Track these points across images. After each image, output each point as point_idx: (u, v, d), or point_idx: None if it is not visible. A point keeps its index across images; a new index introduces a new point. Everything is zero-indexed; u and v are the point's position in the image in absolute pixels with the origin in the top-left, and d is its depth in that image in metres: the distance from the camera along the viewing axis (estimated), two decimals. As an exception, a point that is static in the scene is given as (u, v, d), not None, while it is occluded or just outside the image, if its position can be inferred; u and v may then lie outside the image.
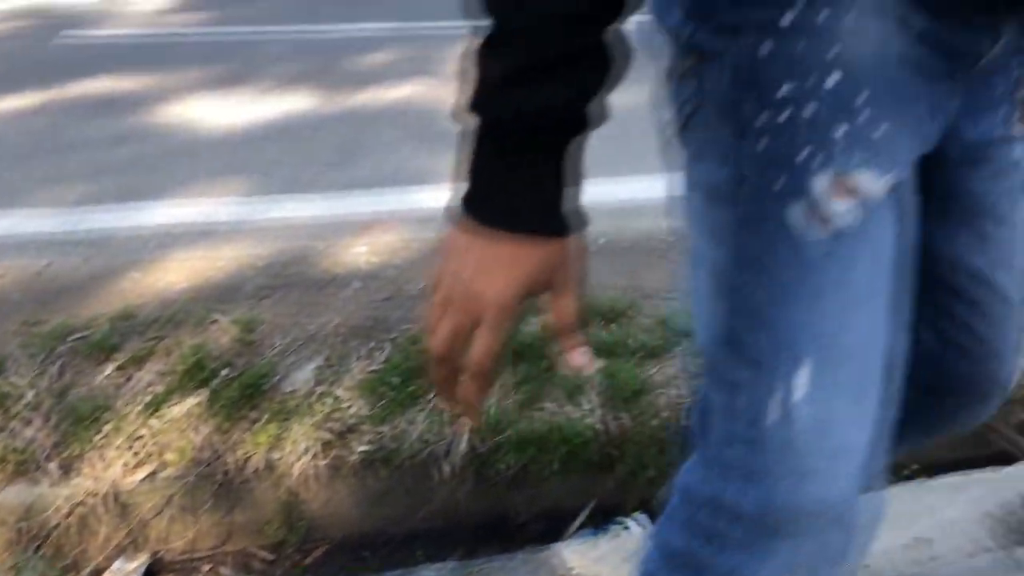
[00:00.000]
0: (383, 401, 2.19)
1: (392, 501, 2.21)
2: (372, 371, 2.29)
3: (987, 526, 1.67)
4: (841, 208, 0.70)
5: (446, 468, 2.14)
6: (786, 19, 0.68)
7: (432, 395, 2.23)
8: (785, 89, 0.68)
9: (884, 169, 0.71)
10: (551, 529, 2.06)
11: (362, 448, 2.10)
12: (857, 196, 0.70)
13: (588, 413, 2.20)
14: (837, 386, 0.74)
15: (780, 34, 0.68)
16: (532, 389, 2.23)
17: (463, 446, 2.14)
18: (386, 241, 2.99)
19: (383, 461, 2.14)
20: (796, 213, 0.70)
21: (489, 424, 2.16)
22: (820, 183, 0.70)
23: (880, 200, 0.72)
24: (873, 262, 0.73)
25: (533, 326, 2.43)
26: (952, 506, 1.73)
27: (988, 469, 1.95)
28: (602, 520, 2.05)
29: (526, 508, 2.26)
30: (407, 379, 2.24)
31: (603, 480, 2.25)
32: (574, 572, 1.74)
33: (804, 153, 0.70)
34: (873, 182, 0.71)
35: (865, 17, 0.68)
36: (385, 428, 2.16)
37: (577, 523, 2.19)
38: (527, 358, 2.32)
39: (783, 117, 0.69)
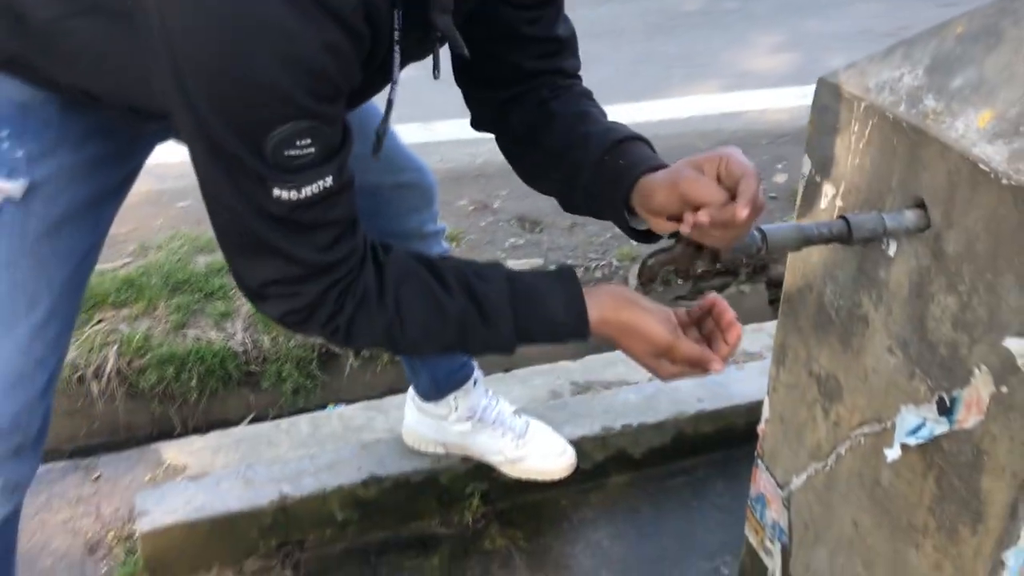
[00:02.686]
0: (41, 333, 2.46)
1: (54, 422, 2.49)
2: (39, 308, 2.55)
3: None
4: None
5: (95, 389, 2.43)
6: None
7: (91, 326, 2.51)
8: None
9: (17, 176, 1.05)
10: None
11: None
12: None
13: (230, 336, 2.54)
14: None
15: None
16: (180, 317, 2.54)
17: (109, 367, 2.43)
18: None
19: (39, 385, 2.42)
20: None
21: (136, 348, 2.46)
22: None
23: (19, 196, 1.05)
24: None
25: (196, 264, 2.75)
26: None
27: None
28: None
29: (196, 420, 2.59)
30: (67, 313, 2.52)
31: (250, 392, 2.60)
32: (168, 462, 2.06)
33: None
34: (7, 184, 1.04)
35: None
36: (41, 356, 2.44)
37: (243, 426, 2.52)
38: (185, 291, 2.63)
39: None
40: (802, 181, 1.28)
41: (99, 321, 2.53)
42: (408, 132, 3.85)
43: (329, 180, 0.92)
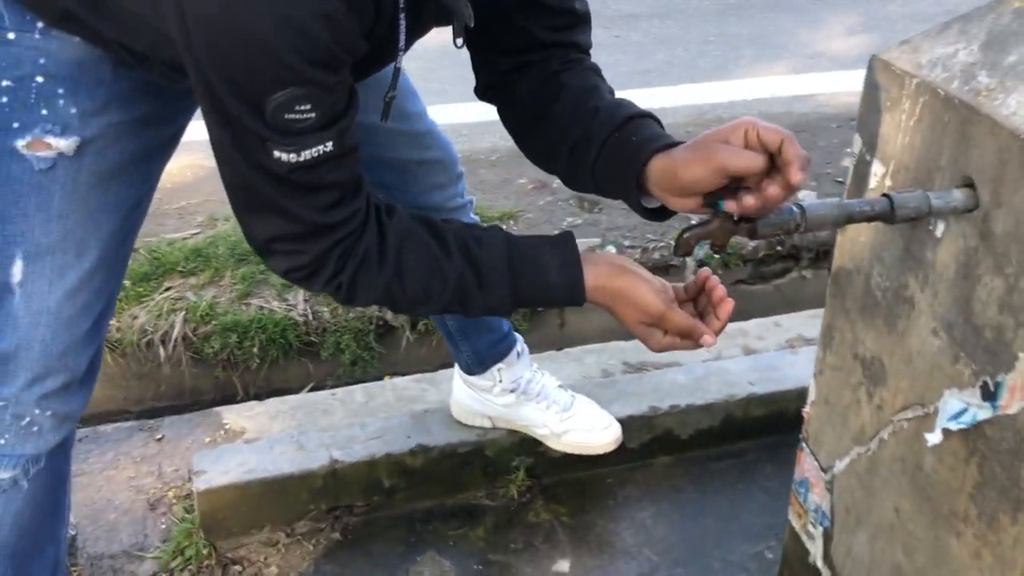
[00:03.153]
0: (113, 299, 2.56)
1: (125, 384, 2.60)
2: (111, 275, 2.65)
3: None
4: (39, 156, 1.09)
5: (162, 353, 2.52)
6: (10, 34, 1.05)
7: (160, 293, 2.61)
8: (4, 82, 1.06)
9: (70, 133, 1.09)
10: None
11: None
12: (51, 150, 1.09)
13: (292, 307, 2.60)
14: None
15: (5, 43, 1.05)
16: (245, 287, 2.61)
17: (176, 332, 2.52)
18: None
19: (111, 348, 2.52)
20: (8, 161, 1.08)
21: (201, 315, 2.54)
22: (21, 142, 1.08)
23: (71, 152, 1.10)
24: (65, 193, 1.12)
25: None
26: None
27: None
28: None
29: (258, 387, 2.67)
30: (137, 282, 2.61)
31: (309, 362, 2.66)
32: (228, 426, 2.13)
33: (16, 123, 1.07)
34: (60, 141, 1.09)
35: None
36: (113, 321, 2.53)
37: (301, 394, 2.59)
38: (250, 262, 2.70)
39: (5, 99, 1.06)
40: (852, 160, 1.25)
41: (167, 288, 2.62)
42: (467, 111, 3.90)
43: (330, 145, 0.95)
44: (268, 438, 1.86)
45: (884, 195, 1.02)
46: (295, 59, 0.87)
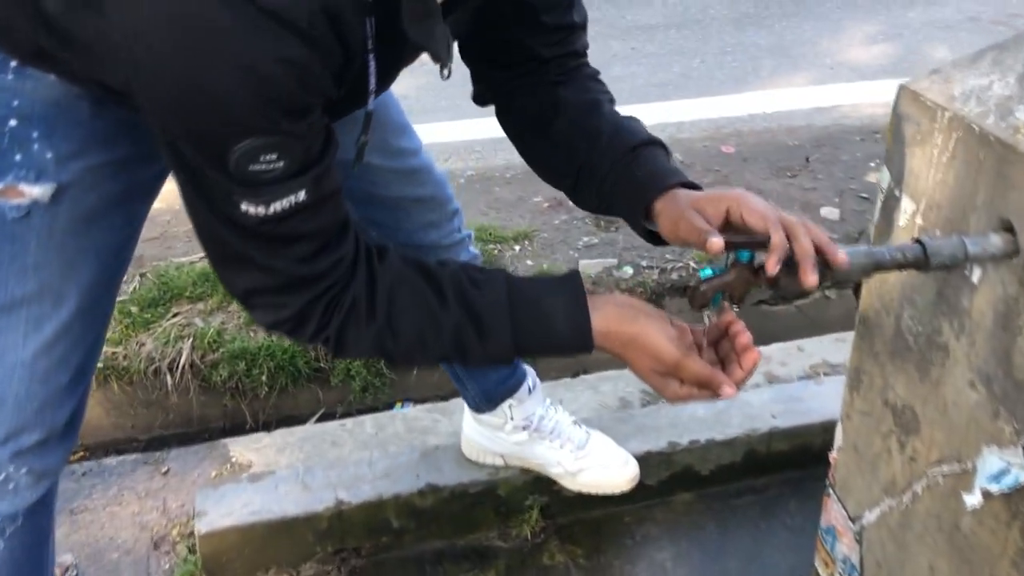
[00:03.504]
0: (120, 326, 2.52)
1: (132, 412, 2.56)
2: (118, 300, 2.61)
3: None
4: (12, 204, 1.03)
5: (169, 381, 2.48)
6: None
7: (168, 319, 2.56)
8: None
9: (45, 180, 1.03)
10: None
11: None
12: (24, 197, 1.03)
13: (301, 333, 2.55)
14: None
15: None
16: (253, 313, 2.56)
17: (184, 360, 2.47)
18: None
19: (117, 375, 2.48)
20: None
21: (209, 342, 2.49)
22: None
23: (46, 199, 1.04)
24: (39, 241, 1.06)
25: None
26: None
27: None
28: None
29: (267, 414, 2.62)
30: (144, 308, 2.57)
31: (319, 389, 2.61)
32: (234, 459, 2.08)
33: None
34: (34, 188, 1.03)
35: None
36: (119, 348, 2.49)
37: (312, 422, 2.54)
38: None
39: None
40: (880, 194, 1.18)
41: (175, 314, 2.57)
42: (485, 126, 3.84)
43: (302, 195, 0.88)
44: (272, 476, 1.80)
45: (916, 241, 0.94)
46: (256, 108, 0.80)
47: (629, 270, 2.77)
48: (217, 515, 1.69)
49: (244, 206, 0.86)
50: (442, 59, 0.94)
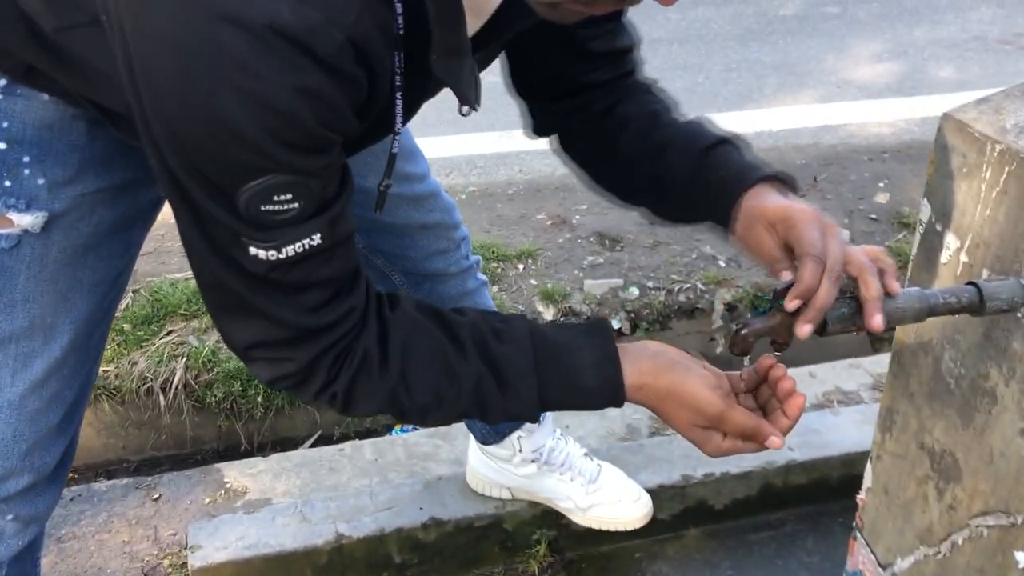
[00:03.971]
0: (112, 344, 2.44)
1: (124, 433, 2.48)
2: (111, 318, 2.54)
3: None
4: (1, 232, 0.96)
5: (162, 401, 2.40)
6: None
7: (161, 337, 2.49)
8: None
9: (36, 208, 0.96)
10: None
11: (85, 385, 2.36)
12: (13, 227, 0.96)
13: (299, 352, 2.48)
14: None
15: None
16: (250, 332, 2.49)
17: (177, 379, 2.40)
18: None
19: (109, 395, 2.41)
20: None
21: (203, 362, 2.42)
22: None
23: (37, 229, 0.97)
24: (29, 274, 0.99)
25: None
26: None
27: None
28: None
29: (262, 436, 2.54)
30: (137, 325, 2.50)
31: (315, 411, 2.54)
32: (228, 484, 2.01)
33: None
34: (24, 217, 0.96)
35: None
36: (111, 367, 2.42)
37: (307, 445, 2.47)
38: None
39: None
40: (919, 228, 1.12)
41: (169, 332, 2.50)
42: (486, 141, 3.78)
43: (317, 238, 0.80)
44: (270, 507, 1.73)
45: (971, 283, 0.88)
46: (269, 143, 0.72)
47: (635, 291, 2.71)
48: (212, 548, 1.62)
49: (253, 250, 0.79)
50: (469, 99, 0.88)
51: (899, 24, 5.06)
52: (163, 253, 2.84)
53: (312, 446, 2.43)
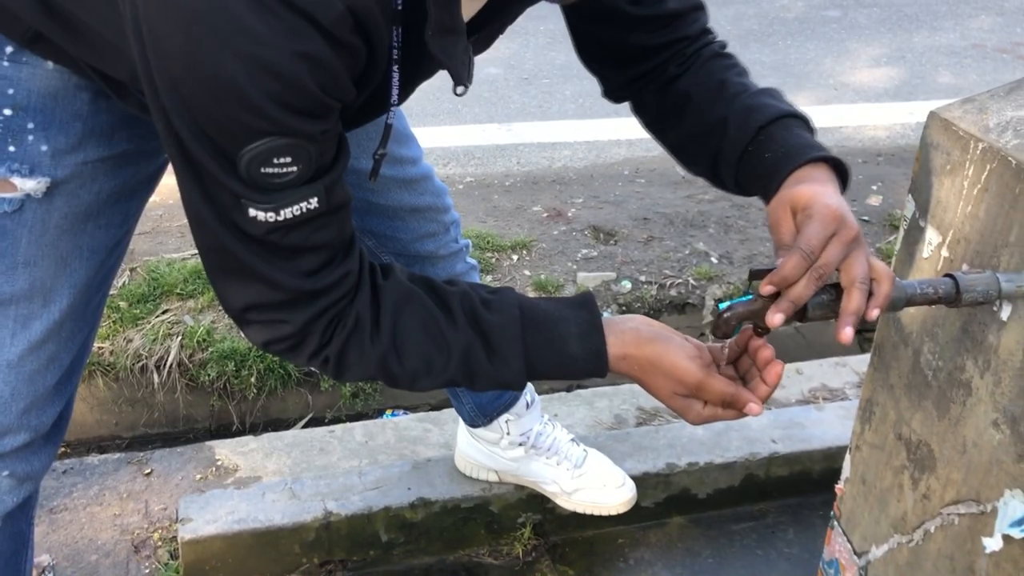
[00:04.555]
0: (108, 322, 2.46)
1: (117, 409, 2.50)
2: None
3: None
4: (3, 197, 0.98)
5: (156, 379, 2.42)
6: None
7: (157, 316, 2.51)
8: None
9: (39, 174, 0.99)
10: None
11: (80, 360, 2.37)
12: (16, 191, 0.98)
13: (292, 335, 2.50)
14: None
15: None
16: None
17: (171, 358, 2.42)
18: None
19: (103, 371, 2.43)
20: None
21: (198, 341, 2.44)
22: None
23: (39, 194, 1.00)
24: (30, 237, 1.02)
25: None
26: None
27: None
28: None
29: (254, 417, 2.57)
30: (134, 303, 2.52)
31: (308, 393, 2.56)
32: (220, 462, 2.03)
33: None
34: (27, 182, 0.99)
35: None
36: (106, 344, 2.44)
37: (299, 427, 2.50)
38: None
39: None
40: (903, 224, 1.15)
41: (164, 311, 2.52)
42: (486, 133, 3.80)
43: (314, 202, 0.83)
44: (260, 484, 1.76)
45: (949, 275, 0.91)
46: (271, 106, 0.75)
47: (627, 284, 2.74)
48: (201, 522, 1.64)
49: (253, 212, 0.82)
50: (460, 78, 0.90)
51: (898, 30, 5.09)
52: (160, 233, 2.86)
53: (304, 428, 2.45)
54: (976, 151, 1.00)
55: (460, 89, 0.93)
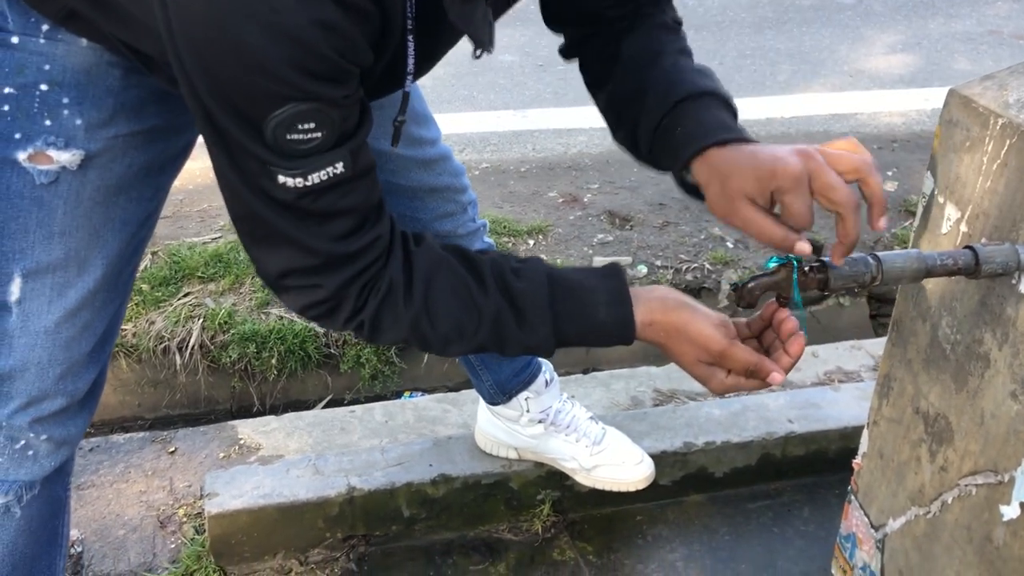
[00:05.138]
0: (131, 304, 2.50)
1: (140, 390, 2.54)
2: (130, 278, 2.59)
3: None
4: (40, 169, 1.01)
5: (178, 361, 2.46)
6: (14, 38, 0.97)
7: (178, 298, 2.55)
8: (6, 89, 0.98)
9: (74, 147, 1.02)
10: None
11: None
12: (53, 163, 1.01)
13: (312, 317, 2.53)
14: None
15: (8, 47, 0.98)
16: (264, 295, 2.55)
17: (193, 340, 2.45)
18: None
19: (126, 353, 2.46)
20: (9, 173, 1.01)
21: (220, 323, 2.48)
22: (23, 154, 1.00)
23: (74, 166, 1.03)
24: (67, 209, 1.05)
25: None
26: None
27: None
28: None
29: (275, 398, 2.60)
30: (156, 286, 2.55)
31: (328, 375, 2.59)
32: (242, 441, 2.06)
33: (17, 134, 1.00)
34: (63, 154, 1.02)
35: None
36: (129, 326, 2.48)
37: (320, 407, 2.53)
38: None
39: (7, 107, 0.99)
40: (922, 200, 1.17)
41: (186, 294, 2.56)
42: (501, 120, 3.82)
43: (340, 167, 0.86)
44: (284, 460, 1.79)
45: (968, 247, 0.93)
46: (291, 72, 0.79)
47: (643, 269, 2.76)
48: (228, 496, 1.67)
49: (282, 178, 0.85)
50: (483, 42, 0.92)
51: (914, 16, 5.08)
52: (182, 218, 2.89)
53: (323, 409, 2.48)
54: (996, 127, 1.02)
55: (479, 53, 0.95)
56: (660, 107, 1.04)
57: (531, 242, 2.88)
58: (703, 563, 1.73)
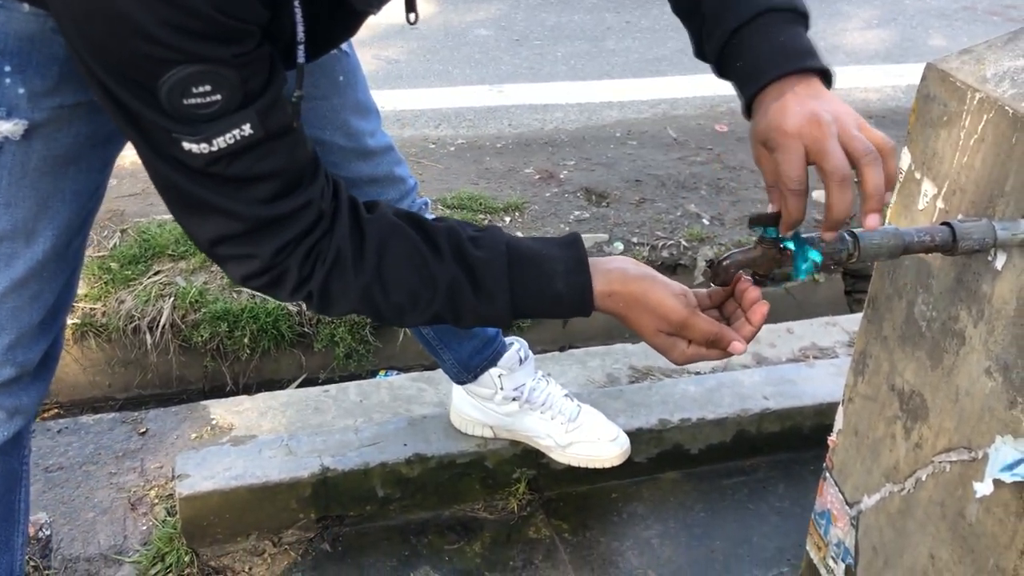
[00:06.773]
0: (99, 283, 2.46)
1: (110, 370, 2.50)
2: (98, 256, 2.55)
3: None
4: None
5: (149, 340, 2.42)
6: None
7: (149, 277, 2.51)
8: None
9: (16, 116, 0.99)
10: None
11: (71, 321, 2.37)
12: None
13: (285, 296, 2.50)
14: None
15: None
16: (237, 274, 2.51)
17: (164, 319, 2.42)
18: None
19: (95, 332, 2.42)
20: None
21: (191, 302, 2.44)
22: None
23: (17, 137, 1.00)
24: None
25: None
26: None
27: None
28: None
29: (248, 377, 2.57)
30: (125, 264, 2.51)
31: (302, 354, 2.57)
32: (215, 421, 2.04)
33: None
34: (5, 124, 0.99)
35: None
36: (98, 305, 2.43)
37: (293, 387, 2.50)
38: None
39: None
40: (899, 176, 1.16)
41: (156, 272, 2.52)
42: (477, 95, 3.78)
43: (247, 128, 0.83)
44: (256, 441, 1.77)
45: (945, 224, 0.92)
46: (169, 33, 0.76)
47: (620, 246, 2.75)
48: (199, 478, 1.65)
49: (187, 145, 0.83)
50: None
51: (890, -8, 5.08)
52: (151, 195, 2.84)
53: (298, 388, 2.45)
54: (973, 101, 1.01)
55: (412, 17, 0.93)
56: (719, 36, 1.00)
57: (507, 219, 2.85)
58: (678, 540, 1.73)
